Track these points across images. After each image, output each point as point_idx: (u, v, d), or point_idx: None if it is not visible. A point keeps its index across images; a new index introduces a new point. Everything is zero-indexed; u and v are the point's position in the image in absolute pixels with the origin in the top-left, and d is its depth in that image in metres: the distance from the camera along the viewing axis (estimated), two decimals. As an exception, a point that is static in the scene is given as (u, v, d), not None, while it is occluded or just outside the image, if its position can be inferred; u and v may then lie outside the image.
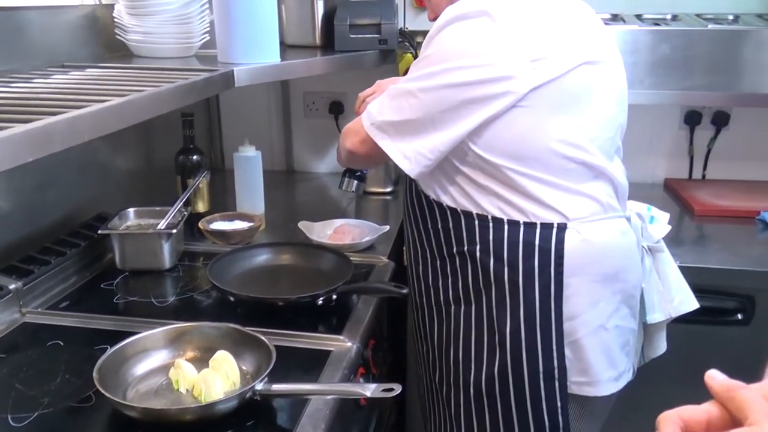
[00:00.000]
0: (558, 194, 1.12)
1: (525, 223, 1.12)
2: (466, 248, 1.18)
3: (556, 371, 1.15)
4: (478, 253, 1.16)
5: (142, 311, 1.36)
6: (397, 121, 1.14)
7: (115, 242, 1.52)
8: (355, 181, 1.62)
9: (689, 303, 1.32)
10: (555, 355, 1.14)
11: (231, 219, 1.75)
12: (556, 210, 1.12)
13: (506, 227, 1.13)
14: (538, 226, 1.12)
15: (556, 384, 1.15)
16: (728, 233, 1.78)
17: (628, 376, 1.24)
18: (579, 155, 1.11)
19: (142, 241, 1.53)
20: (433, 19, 1.24)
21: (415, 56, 2.05)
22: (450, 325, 1.25)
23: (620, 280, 1.17)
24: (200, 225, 1.71)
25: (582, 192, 1.13)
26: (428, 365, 1.33)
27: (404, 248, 1.41)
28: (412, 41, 2.04)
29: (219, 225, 1.73)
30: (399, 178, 2.10)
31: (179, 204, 1.63)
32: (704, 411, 0.53)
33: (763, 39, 1.77)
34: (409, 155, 1.14)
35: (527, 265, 1.13)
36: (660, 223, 1.37)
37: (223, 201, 1.92)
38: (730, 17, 1.94)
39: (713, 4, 2.00)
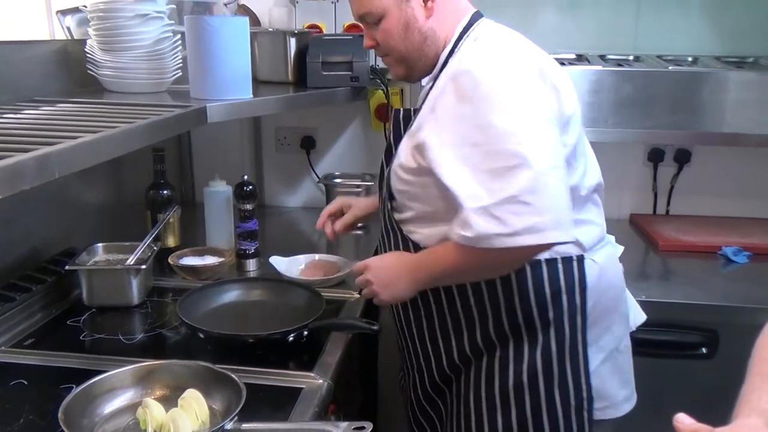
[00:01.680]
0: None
1: (546, 261, 1.15)
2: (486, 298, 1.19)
3: (585, 402, 1.17)
4: (502, 301, 1.17)
5: (109, 349, 1.34)
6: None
7: (83, 278, 1.50)
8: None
9: (640, 316, 1.37)
10: (584, 386, 1.17)
11: (201, 254, 1.74)
12: (574, 242, 1.13)
13: (528, 268, 1.15)
14: (560, 261, 1.15)
15: (585, 415, 1.18)
16: (692, 268, 1.82)
17: (634, 394, 1.29)
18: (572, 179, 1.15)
19: (110, 277, 1.51)
20: (376, 51, 1.27)
21: (386, 93, 2.09)
22: (470, 379, 1.24)
23: (622, 301, 1.23)
24: (170, 260, 1.70)
25: (584, 219, 1.17)
26: (451, 421, 1.29)
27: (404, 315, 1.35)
28: (383, 78, 2.07)
29: (189, 260, 1.72)
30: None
31: (149, 239, 1.62)
32: None
33: (720, 80, 1.85)
34: (564, 221, 1.05)
35: (556, 301, 1.16)
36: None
37: (193, 236, 1.91)
38: (690, 59, 2.02)
39: (673, 46, 2.07)
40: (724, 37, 2.07)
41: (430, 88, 1.22)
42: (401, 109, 1.30)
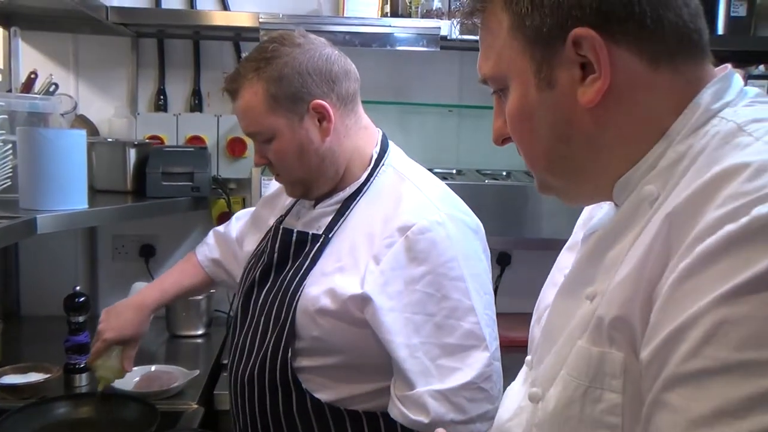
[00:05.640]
0: None
1: None
2: None
3: None
4: None
5: None
6: None
7: None
8: None
9: None
10: None
11: (25, 371, 1.63)
12: None
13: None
14: None
15: None
16: (518, 362, 1.96)
17: None
18: None
19: None
20: (269, 169, 1.17)
21: (228, 202, 2.13)
22: None
23: None
24: (-13, 380, 1.58)
25: None
26: None
27: None
28: (225, 188, 2.12)
29: (10, 379, 1.60)
30: (211, 320, 2.09)
31: (-36, 357, 1.50)
32: None
33: (529, 193, 2.09)
34: None
35: None
36: None
37: (17, 351, 1.79)
38: (504, 173, 2.27)
39: (491, 161, 2.32)
40: (533, 155, 2.36)
41: (339, 213, 1.14)
42: (294, 230, 1.17)
